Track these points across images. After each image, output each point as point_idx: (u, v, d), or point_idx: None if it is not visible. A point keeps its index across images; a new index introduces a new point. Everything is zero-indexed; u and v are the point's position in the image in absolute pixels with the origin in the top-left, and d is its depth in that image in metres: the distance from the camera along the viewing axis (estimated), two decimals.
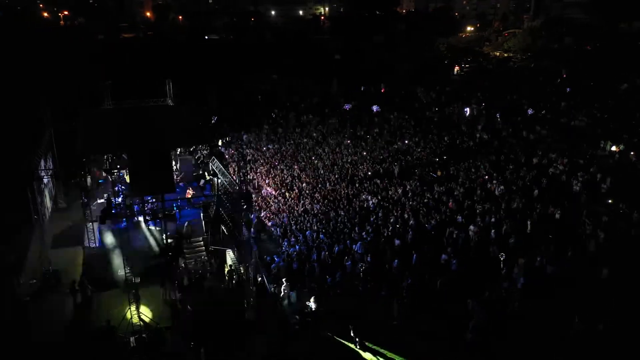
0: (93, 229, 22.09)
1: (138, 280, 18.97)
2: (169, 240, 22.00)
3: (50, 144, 26.37)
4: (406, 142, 37.71)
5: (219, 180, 21.10)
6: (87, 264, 21.23)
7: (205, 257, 22.26)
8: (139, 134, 21.19)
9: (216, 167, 20.89)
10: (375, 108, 47.35)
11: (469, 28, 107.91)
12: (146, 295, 19.20)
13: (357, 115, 46.47)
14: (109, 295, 19.78)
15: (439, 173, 31.93)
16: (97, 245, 22.12)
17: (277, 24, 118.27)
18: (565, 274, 20.96)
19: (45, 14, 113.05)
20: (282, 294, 19.44)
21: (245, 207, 17.84)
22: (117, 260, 21.12)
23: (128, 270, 18.49)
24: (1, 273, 19.22)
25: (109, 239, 22.35)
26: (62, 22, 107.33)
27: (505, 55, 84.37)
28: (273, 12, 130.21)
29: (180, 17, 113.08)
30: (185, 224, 22.65)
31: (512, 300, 19.39)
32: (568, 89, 54.63)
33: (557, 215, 26.20)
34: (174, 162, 29.62)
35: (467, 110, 47.78)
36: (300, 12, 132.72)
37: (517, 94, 53.56)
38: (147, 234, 22.65)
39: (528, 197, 28.06)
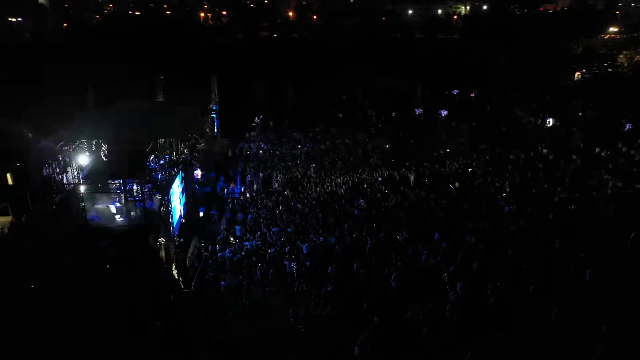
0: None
1: None
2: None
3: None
4: (447, 150, 35.79)
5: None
6: None
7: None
8: (123, 127, 24.05)
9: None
10: (443, 113, 45.33)
11: (613, 29, 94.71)
12: None
13: (424, 120, 45.02)
14: None
15: (456, 185, 30.01)
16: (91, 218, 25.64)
17: (412, 24, 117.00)
18: (507, 308, 18.79)
19: (202, 14, 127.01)
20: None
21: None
22: None
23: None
24: None
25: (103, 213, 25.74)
26: (210, 22, 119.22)
27: None
28: (410, 11, 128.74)
29: (314, 17, 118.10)
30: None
31: (423, 325, 18.05)
32: None
33: (556, 245, 23.15)
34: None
35: (550, 121, 43.16)
36: (439, 11, 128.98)
37: (627, 104, 46.58)
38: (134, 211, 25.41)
39: (538, 221, 25.07)
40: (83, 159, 26.41)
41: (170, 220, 20.87)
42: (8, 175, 31.15)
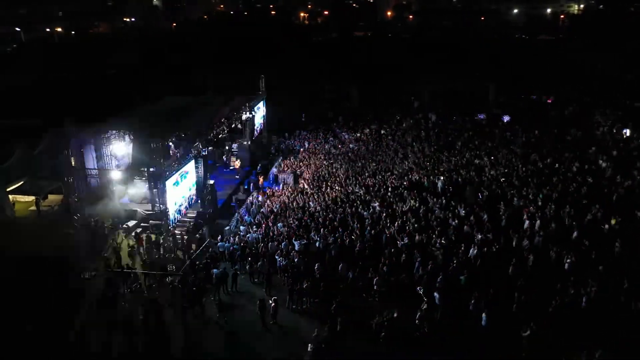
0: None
1: None
2: None
3: None
4: (492, 157, 33.94)
5: None
6: None
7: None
8: (151, 121, 26.18)
9: None
10: (505, 118, 42.89)
11: None
12: None
13: (485, 125, 42.94)
14: None
15: (485, 194, 28.48)
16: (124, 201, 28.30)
17: (515, 24, 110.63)
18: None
19: (302, 14, 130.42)
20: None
21: None
22: None
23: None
24: None
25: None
26: (306, 21, 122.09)
27: None
28: (515, 11, 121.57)
29: (410, 17, 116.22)
30: None
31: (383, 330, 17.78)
32: None
33: (566, 265, 21.31)
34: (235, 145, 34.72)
35: (627, 131, 39.06)
36: (549, 10, 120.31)
37: None
38: None
39: (555, 240, 23.09)
40: (120, 149, 29.19)
41: (167, 209, 22.43)
42: (72, 158, 35.07)
